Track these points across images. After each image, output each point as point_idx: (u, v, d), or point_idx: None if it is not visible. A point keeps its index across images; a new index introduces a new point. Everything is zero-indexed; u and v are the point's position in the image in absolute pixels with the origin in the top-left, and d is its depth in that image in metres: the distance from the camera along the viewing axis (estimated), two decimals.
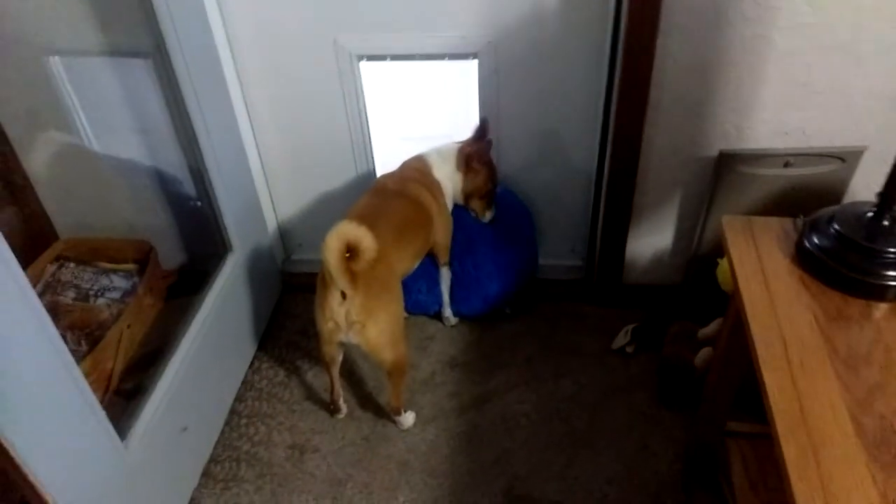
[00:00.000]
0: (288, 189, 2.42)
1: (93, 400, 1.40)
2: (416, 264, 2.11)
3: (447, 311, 2.33)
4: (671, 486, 1.85)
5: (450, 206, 2.18)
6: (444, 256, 2.22)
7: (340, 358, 1.99)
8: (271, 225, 2.45)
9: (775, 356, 1.14)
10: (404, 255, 1.97)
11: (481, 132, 2.11)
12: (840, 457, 0.98)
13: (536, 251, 2.37)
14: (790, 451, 0.99)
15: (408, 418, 2.04)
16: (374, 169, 2.35)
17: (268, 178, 2.38)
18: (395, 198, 2.01)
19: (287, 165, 2.36)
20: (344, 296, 1.72)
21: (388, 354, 1.87)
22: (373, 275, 1.72)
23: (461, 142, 2.15)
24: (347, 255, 1.63)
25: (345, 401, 2.09)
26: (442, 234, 2.16)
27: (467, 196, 2.19)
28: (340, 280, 1.65)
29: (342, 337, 1.81)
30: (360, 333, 1.79)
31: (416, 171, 2.11)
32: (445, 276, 2.26)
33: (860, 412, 1.04)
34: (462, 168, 2.13)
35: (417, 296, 2.31)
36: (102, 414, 1.44)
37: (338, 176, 2.37)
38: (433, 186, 2.11)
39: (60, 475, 1.31)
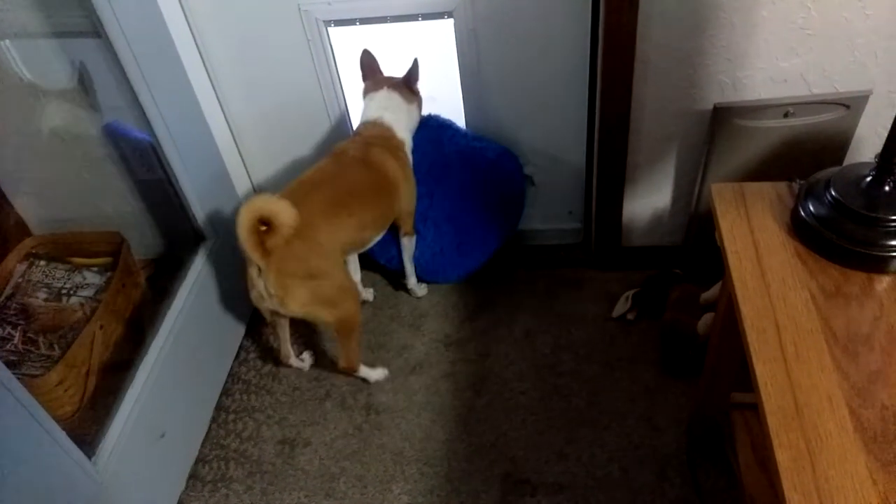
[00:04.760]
0: (267, 166, 2.34)
1: (49, 422, 1.32)
2: (372, 235, 1.98)
3: (411, 282, 2.25)
4: (676, 461, 1.77)
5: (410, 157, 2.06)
6: (407, 225, 2.10)
7: (285, 321, 1.97)
8: None
9: (768, 344, 1.06)
10: (343, 228, 1.84)
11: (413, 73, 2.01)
12: (837, 458, 0.91)
13: (523, 203, 2.27)
14: (783, 456, 0.92)
15: (373, 373, 2.03)
16: None
17: (244, 158, 2.29)
18: (352, 165, 1.89)
19: (264, 142, 2.27)
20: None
21: (324, 317, 1.83)
22: (289, 251, 1.66)
23: (390, 83, 2.00)
24: (264, 228, 1.58)
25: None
26: (406, 201, 2.03)
27: None
28: (251, 255, 1.61)
29: (268, 305, 1.76)
30: (281, 305, 1.74)
31: (378, 136, 1.96)
32: (408, 246, 2.15)
33: (860, 404, 0.97)
34: (408, 95, 2.01)
35: (392, 262, 2.26)
36: (62, 434, 1.36)
37: (317, 148, 2.27)
38: (398, 150, 1.98)
39: None
